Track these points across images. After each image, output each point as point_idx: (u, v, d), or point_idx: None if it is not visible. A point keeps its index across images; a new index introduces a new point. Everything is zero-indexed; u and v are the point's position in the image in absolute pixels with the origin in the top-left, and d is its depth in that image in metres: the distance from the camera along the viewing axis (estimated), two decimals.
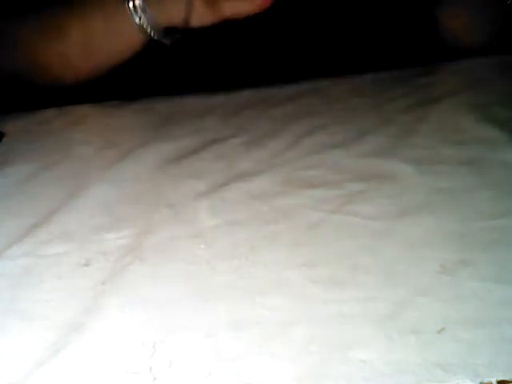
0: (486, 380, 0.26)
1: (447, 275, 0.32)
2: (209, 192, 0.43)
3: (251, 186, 0.43)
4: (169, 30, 0.56)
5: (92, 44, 0.57)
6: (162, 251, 0.36)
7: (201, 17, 0.53)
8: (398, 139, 0.50)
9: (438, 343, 0.28)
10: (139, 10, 0.54)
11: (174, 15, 0.54)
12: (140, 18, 0.55)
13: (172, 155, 0.49)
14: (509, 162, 0.44)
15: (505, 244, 0.35)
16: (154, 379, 0.27)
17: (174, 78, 0.60)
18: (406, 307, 0.30)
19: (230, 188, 0.43)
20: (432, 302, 0.30)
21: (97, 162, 0.49)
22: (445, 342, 0.28)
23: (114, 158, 0.49)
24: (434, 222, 0.37)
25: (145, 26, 0.55)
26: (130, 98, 0.58)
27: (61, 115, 0.58)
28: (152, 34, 0.55)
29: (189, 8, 0.53)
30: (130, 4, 0.54)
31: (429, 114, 0.54)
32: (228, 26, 0.54)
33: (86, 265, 0.35)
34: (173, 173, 0.46)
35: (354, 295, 0.31)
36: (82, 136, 0.54)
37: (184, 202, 0.42)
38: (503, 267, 0.33)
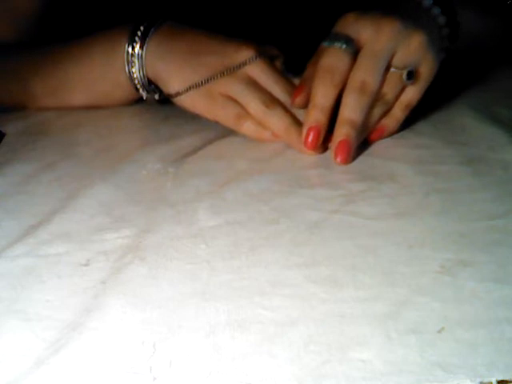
0: (486, 380, 0.26)
1: (447, 275, 0.32)
2: (209, 192, 0.43)
3: (251, 185, 0.43)
4: (156, 88, 0.55)
5: (86, 82, 0.57)
6: (162, 251, 0.36)
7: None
8: (398, 139, 0.50)
9: (438, 343, 0.28)
10: (135, 57, 0.54)
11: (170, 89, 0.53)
12: (132, 66, 0.54)
13: (172, 155, 0.49)
14: (509, 162, 0.44)
15: (505, 244, 0.35)
16: (154, 379, 0.27)
17: None
18: (405, 307, 0.30)
19: (230, 188, 0.43)
20: (432, 302, 0.30)
21: (97, 162, 0.49)
22: (445, 342, 0.28)
23: (114, 158, 0.49)
24: (434, 222, 0.37)
25: (134, 76, 0.54)
26: None
27: (61, 116, 0.58)
28: (138, 84, 0.55)
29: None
30: (130, 48, 0.54)
31: (429, 114, 0.54)
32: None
33: (86, 265, 0.35)
34: (173, 173, 0.46)
35: (354, 295, 0.31)
36: (83, 137, 0.54)
37: (184, 202, 0.42)
38: (503, 267, 0.33)
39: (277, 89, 0.50)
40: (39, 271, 0.35)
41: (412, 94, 0.49)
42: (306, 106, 0.48)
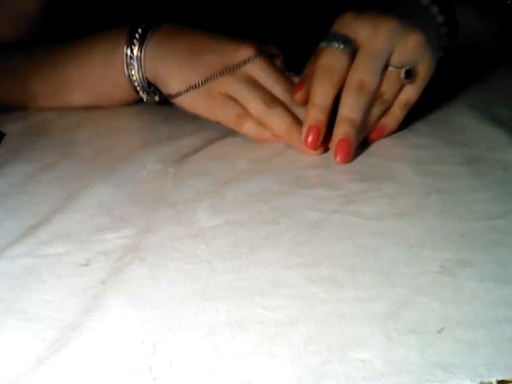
0: (486, 380, 0.26)
1: (447, 275, 0.32)
2: (209, 192, 0.43)
3: (251, 185, 0.43)
4: (156, 90, 0.55)
5: (86, 83, 0.58)
6: (162, 251, 0.36)
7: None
8: (397, 139, 0.50)
9: (438, 343, 0.28)
10: (134, 59, 0.54)
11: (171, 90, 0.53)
12: (131, 68, 0.54)
13: (172, 155, 0.49)
14: (509, 162, 0.44)
15: (505, 244, 0.35)
16: (154, 379, 0.27)
17: None
18: (405, 307, 0.30)
19: (230, 188, 0.43)
20: (432, 302, 0.30)
21: (97, 162, 0.49)
22: (445, 341, 0.28)
23: (114, 158, 0.49)
24: (434, 222, 0.37)
25: (134, 78, 0.54)
26: None
27: (61, 116, 0.58)
28: (137, 86, 0.55)
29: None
30: (128, 50, 0.54)
31: (428, 113, 0.54)
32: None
33: (86, 265, 0.35)
34: (173, 173, 0.46)
35: (354, 295, 0.31)
36: (83, 137, 0.54)
37: (184, 202, 0.42)
38: (503, 267, 0.33)
39: (277, 88, 0.50)
40: (39, 271, 0.35)
41: (410, 92, 0.49)
42: (306, 102, 0.48)
